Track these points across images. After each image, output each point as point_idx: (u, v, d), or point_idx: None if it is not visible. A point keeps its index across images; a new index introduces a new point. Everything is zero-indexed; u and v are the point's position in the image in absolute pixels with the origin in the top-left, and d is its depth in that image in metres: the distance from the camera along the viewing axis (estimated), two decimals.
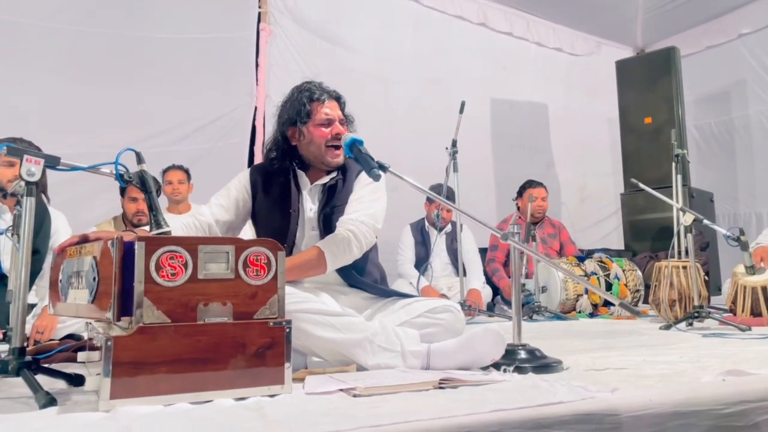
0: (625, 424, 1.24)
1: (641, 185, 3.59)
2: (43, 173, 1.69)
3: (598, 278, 4.16)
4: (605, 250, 4.67)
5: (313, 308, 1.80)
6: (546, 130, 6.77)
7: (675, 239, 3.59)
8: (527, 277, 4.11)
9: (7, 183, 2.66)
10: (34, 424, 1.25)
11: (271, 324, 1.50)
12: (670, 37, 6.59)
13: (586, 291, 4.09)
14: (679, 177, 3.82)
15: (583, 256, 4.45)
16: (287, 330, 1.52)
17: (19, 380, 1.54)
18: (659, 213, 5.35)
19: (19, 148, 1.64)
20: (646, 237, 5.67)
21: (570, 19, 6.64)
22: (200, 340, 1.42)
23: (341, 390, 1.51)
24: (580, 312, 4.08)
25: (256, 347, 1.47)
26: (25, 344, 1.63)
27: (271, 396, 1.46)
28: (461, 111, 4.09)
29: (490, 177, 6.29)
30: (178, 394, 1.38)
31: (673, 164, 3.82)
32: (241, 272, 1.49)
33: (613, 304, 4.02)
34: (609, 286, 4.15)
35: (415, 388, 1.54)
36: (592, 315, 4.06)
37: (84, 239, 1.74)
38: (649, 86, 5.83)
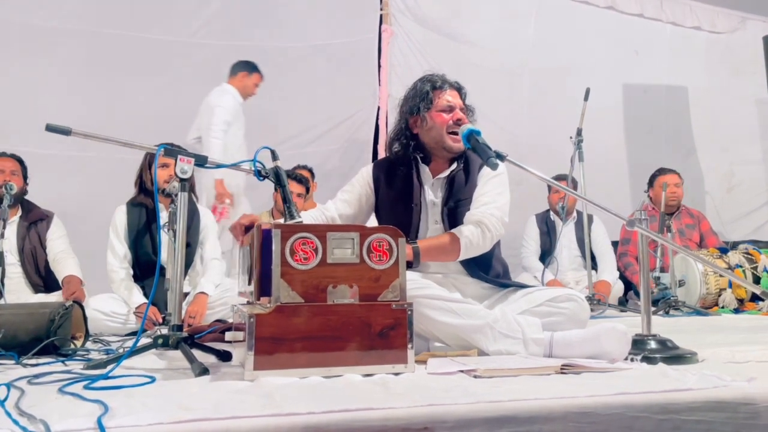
0: (762, 414, 1.17)
1: None
2: (192, 174, 1.90)
3: (743, 271, 3.83)
4: (753, 242, 4.28)
5: (434, 294, 1.86)
6: (685, 114, 6.33)
7: None
8: (663, 270, 3.88)
9: (164, 183, 2.98)
10: (191, 389, 1.43)
11: (394, 306, 1.59)
12: None
13: (730, 285, 3.78)
14: None
15: (726, 248, 4.12)
16: (409, 312, 1.60)
17: (178, 353, 1.76)
18: None
19: (173, 149, 1.87)
20: None
21: None
22: (330, 319, 1.54)
23: (462, 371, 1.56)
24: (723, 307, 3.78)
25: (380, 328, 1.57)
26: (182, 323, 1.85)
27: (396, 374, 1.55)
28: (586, 98, 3.97)
29: (623, 167, 6.01)
30: (312, 368, 1.51)
31: None
32: (366, 257, 1.60)
33: (762, 299, 3.68)
34: (757, 280, 3.80)
35: (537, 372, 1.55)
36: (737, 311, 3.75)
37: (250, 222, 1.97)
38: None
